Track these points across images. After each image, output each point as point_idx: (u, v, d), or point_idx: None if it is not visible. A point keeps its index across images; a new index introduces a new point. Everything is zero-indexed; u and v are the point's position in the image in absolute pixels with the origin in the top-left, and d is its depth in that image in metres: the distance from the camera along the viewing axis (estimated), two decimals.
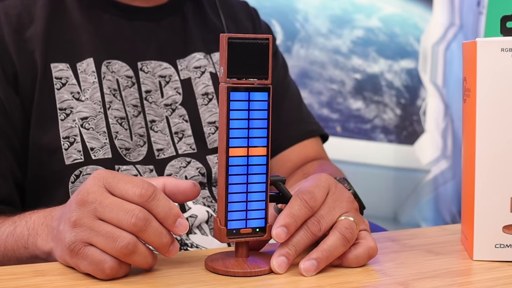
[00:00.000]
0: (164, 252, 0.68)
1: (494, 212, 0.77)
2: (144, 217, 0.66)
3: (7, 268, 0.72)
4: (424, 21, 2.25)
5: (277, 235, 0.70)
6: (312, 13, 2.33)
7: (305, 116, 1.18)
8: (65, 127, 0.95)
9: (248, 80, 0.69)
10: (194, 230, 0.99)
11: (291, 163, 1.13)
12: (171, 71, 1.05)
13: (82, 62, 0.98)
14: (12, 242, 0.78)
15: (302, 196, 0.71)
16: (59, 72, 0.97)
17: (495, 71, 0.76)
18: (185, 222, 0.68)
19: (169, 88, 1.04)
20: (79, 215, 0.66)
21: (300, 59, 2.30)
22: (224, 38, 0.68)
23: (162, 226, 0.67)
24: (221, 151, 0.70)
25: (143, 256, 0.67)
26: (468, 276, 0.75)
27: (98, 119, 0.96)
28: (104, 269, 0.66)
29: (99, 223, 0.66)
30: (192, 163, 1.02)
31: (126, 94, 1.00)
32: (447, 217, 2.18)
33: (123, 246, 0.65)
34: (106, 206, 0.66)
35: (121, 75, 1.01)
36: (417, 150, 2.24)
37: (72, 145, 0.95)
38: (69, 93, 0.96)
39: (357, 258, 0.73)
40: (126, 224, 0.65)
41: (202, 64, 1.07)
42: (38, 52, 0.96)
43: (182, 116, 1.03)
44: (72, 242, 0.67)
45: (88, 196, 0.67)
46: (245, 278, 0.69)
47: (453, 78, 2.15)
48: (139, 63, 1.03)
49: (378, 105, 2.29)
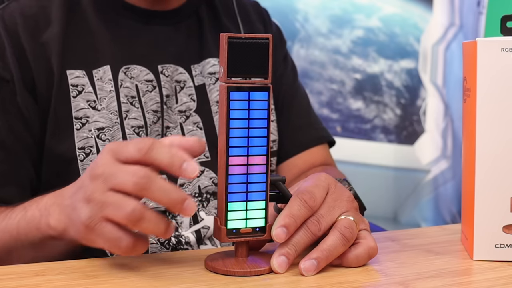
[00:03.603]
0: (178, 209, 0.65)
1: (494, 212, 0.77)
2: (145, 174, 0.65)
3: (7, 268, 0.72)
4: (424, 21, 2.25)
5: (277, 236, 0.70)
6: (312, 13, 2.33)
7: (313, 121, 1.17)
8: (81, 137, 0.94)
9: (248, 80, 0.69)
10: (205, 241, 0.98)
11: (297, 169, 1.12)
12: (185, 77, 1.03)
13: (99, 70, 0.97)
14: (25, 225, 0.78)
15: (302, 196, 0.71)
16: (75, 80, 0.95)
17: (495, 71, 0.76)
18: (193, 164, 0.65)
19: (184, 94, 1.02)
20: (91, 188, 0.67)
21: (300, 59, 2.30)
22: (224, 37, 0.68)
23: (167, 182, 0.66)
24: (221, 151, 0.70)
25: (153, 222, 0.66)
26: (468, 276, 0.75)
27: (114, 130, 0.95)
28: (120, 246, 0.66)
29: (108, 194, 0.65)
30: (206, 172, 1.00)
31: (146, 100, 0.98)
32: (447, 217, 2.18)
33: (129, 213, 0.64)
34: (112, 174, 0.66)
35: (141, 80, 0.99)
36: (417, 150, 2.25)
37: (87, 156, 0.94)
38: (85, 101, 0.95)
39: (357, 257, 0.73)
40: (128, 185, 0.65)
41: (216, 70, 1.05)
42: (55, 57, 0.94)
43: (196, 124, 1.01)
44: (88, 217, 0.66)
45: (97, 169, 0.67)
46: (245, 278, 0.69)
47: (453, 78, 2.15)
48: (159, 67, 1.01)
49: (378, 105, 2.29)
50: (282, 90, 1.14)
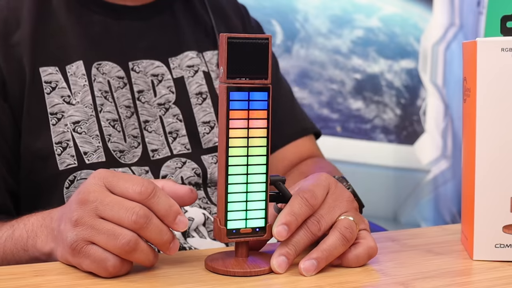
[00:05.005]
0: (165, 249, 0.68)
1: (494, 212, 0.77)
2: (145, 214, 0.66)
3: (6, 268, 0.72)
4: (424, 21, 2.25)
5: (278, 233, 0.70)
6: (312, 13, 2.33)
7: (298, 113, 1.18)
8: (57, 132, 0.94)
9: (248, 80, 0.69)
10: (191, 233, 0.98)
11: (287, 161, 1.13)
12: (163, 70, 1.04)
13: (72, 65, 0.98)
14: (11, 246, 0.78)
15: (303, 195, 0.71)
16: (48, 76, 0.96)
17: (495, 71, 0.76)
18: (185, 219, 0.68)
19: (162, 87, 1.03)
20: (80, 214, 0.67)
21: (300, 59, 2.30)
22: (224, 38, 0.68)
23: (162, 224, 0.67)
24: (221, 151, 0.70)
25: (144, 253, 0.68)
26: (468, 276, 0.75)
27: (90, 123, 0.96)
28: (106, 267, 0.66)
29: (100, 222, 0.66)
30: (188, 163, 1.01)
31: (118, 95, 0.99)
32: (447, 217, 2.18)
33: (125, 244, 0.65)
34: (107, 204, 0.66)
35: (112, 76, 1.00)
36: (417, 150, 2.24)
37: (65, 150, 0.94)
38: (60, 97, 0.96)
39: (357, 257, 0.73)
40: (127, 221, 0.65)
41: (195, 63, 1.06)
42: (26, 57, 0.95)
43: (176, 116, 1.03)
44: (74, 241, 0.67)
45: (89, 195, 0.67)
46: (245, 278, 0.69)
47: (453, 78, 2.15)
48: (130, 63, 1.02)
49: (378, 105, 2.29)
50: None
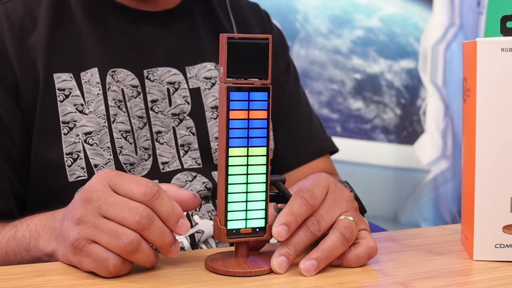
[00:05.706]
0: (165, 251, 0.68)
1: (494, 212, 0.77)
2: (148, 215, 0.66)
3: (7, 268, 0.72)
4: (424, 21, 2.25)
5: (277, 233, 0.70)
6: (312, 13, 2.33)
7: (316, 132, 1.15)
8: (68, 142, 0.92)
9: (248, 80, 0.69)
10: (200, 245, 0.97)
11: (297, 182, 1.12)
12: (180, 78, 1.01)
13: (86, 72, 0.95)
14: (14, 246, 0.78)
15: (302, 195, 0.71)
16: (62, 83, 0.94)
17: (495, 71, 0.76)
18: (187, 222, 0.68)
19: (178, 96, 1.00)
20: (83, 212, 0.67)
21: (300, 59, 2.30)
22: (223, 38, 0.68)
23: (164, 226, 0.67)
24: (221, 151, 0.70)
25: (146, 254, 0.68)
26: (468, 276, 0.75)
27: (102, 134, 0.94)
28: (107, 266, 0.66)
29: (103, 221, 0.66)
30: (198, 177, 0.99)
31: (131, 105, 0.97)
32: (447, 217, 2.18)
33: (127, 243, 0.65)
34: (111, 204, 0.66)
35: (126, 85, 0.97)
36: (417, 150, 2.24)
37: (75, 161, 0.93)
38: (73, 105, 0.93)
39: (357, 258, 0.73)
40: (130, 222, 0.65)
41: (213, 75, 1.03)
42: (40, 61, 0.93)
43: (190, 129, 1.00)
44: (76, 239, 0.67)
45: (92, 194, 0.67)
46: (245, 278, 0.69)
47: (453, 78, 2.15)
48: (145, 71, 0.99)
49: (378, 105, 2.29)
50: (285, 101, 1.12)
